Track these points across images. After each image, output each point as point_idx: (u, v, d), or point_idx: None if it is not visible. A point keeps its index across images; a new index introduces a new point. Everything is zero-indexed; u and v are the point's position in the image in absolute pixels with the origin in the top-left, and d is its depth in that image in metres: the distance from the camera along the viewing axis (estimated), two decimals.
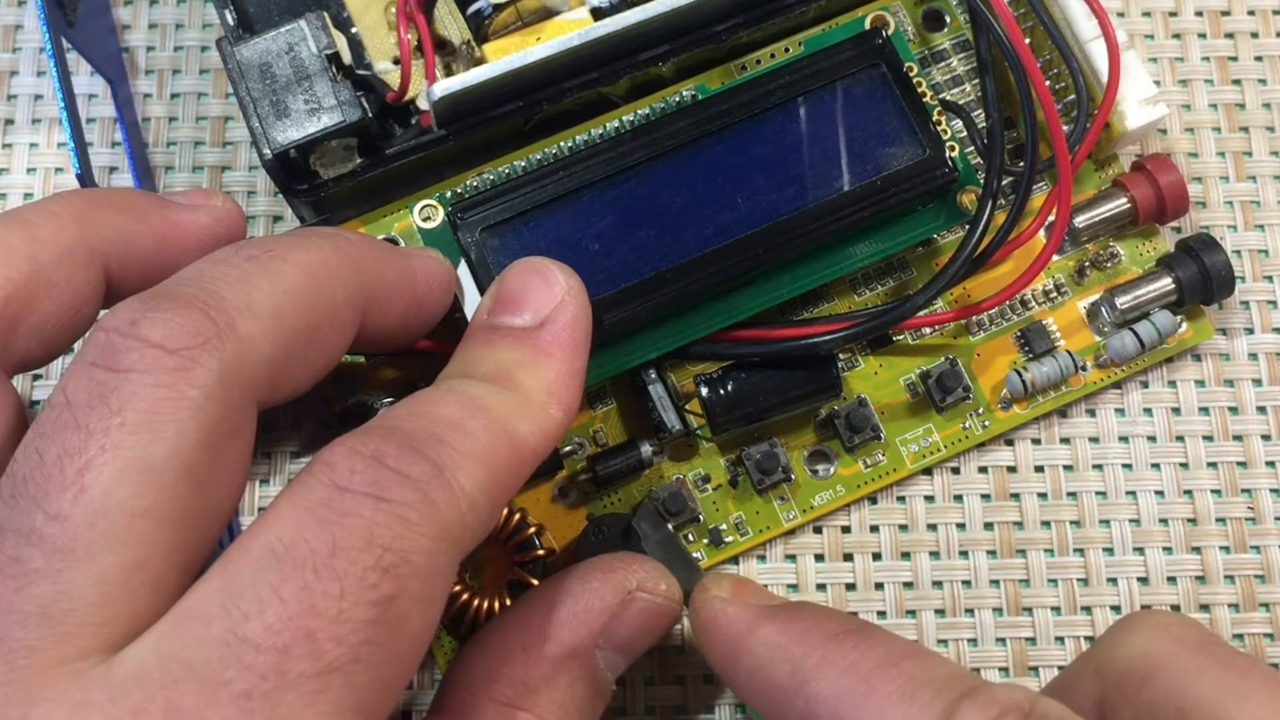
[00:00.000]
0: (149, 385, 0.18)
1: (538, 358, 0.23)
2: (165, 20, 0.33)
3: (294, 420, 0.30)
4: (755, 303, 0.28)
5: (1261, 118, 0.33)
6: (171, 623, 0.18)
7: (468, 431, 0.20)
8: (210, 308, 0.20)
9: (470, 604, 0.27)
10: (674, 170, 0.28)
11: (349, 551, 0.18)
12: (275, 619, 0.17)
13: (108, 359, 0.19)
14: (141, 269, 0.23)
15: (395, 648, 0.18)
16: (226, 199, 0.25)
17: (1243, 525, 0.30)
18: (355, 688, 0.18)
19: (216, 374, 0.19)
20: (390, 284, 0.24)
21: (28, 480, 0.18)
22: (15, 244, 0.22)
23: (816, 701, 0.21)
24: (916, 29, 0.32)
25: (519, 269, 0.24)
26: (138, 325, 0.19)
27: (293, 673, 0.17)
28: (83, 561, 0.18)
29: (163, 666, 0.17)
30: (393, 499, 0.19)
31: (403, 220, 0.29)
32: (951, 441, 0.30)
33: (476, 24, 0.29)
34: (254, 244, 0.22)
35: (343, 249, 0.23)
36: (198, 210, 0.25)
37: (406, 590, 0.18)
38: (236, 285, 0.20)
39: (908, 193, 0.28)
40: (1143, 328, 0.30)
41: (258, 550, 0.18)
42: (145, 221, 0.24)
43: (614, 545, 0.27)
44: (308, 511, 0.18)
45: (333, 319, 0.22)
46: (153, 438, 0.18)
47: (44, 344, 0.22)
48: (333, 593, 0.18)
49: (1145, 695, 0.21)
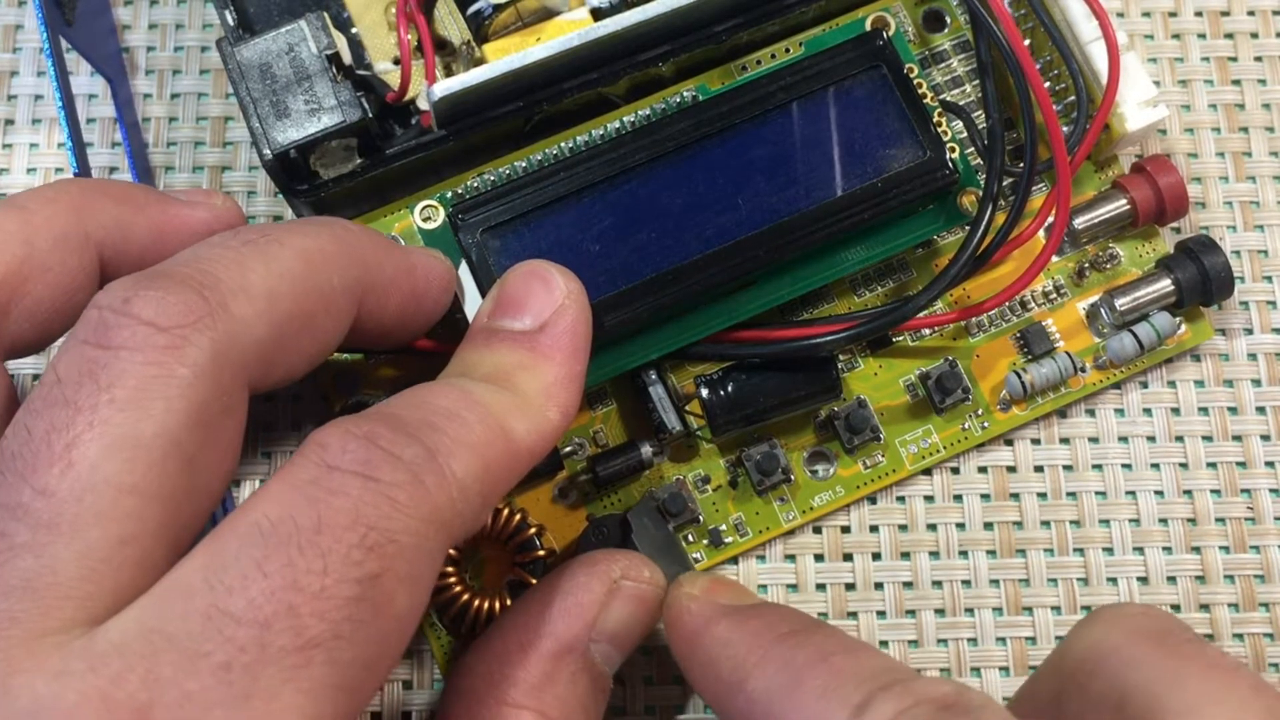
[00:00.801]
0: (139, 363, 0.19)
1: (537, 360, 0.23)
2: (165, 20, 0.33)
3: (294, 420, 0.30)
4: (755, 304, 0.28)
5: (1261, 118, 0.33)
6: (156, 596, 0.18)
7: (464, 422, 0.21)
8: (204, 287, 0.20)
9: (470, 604, 0.27)
10: (674, 171, 0.28)
11: (334, 529, 0.18)
12: (258, 593, 0.17)
13: (99, 336, 0.19)
14: (136, 258, 0.23)
15: (379, 626, 0.18)
16: (226, 198, 0.25)
17: (1242, 525, 0.30)
18: (337, 664, 0.18)
19: (208, 353, 0.19)
20: (388, 276, 0.24)
21: (15, 456, 0.18)
22: (10, 229, 0.22)
23: (752, 699, 0.21)
24: (917, 30, 0.32)
25: (520, 272, 0.24)
26: (130, 303, 0.19)
27: (273, 646, 0.17)
28: (68, 536, 0.18)
29: (144, 638, 0.17)
30: (382, 479, 0.19)
31: (403, 220, 0.29)
32: (951, 442, 0.30)
33: (476, 24, 0.29)
34: (252, 229, 0.22)
35: (341, 237, 0.23)
36: (196, 206, 0.25)
37: (391, 569, 0.18)
38: (232, 266, 0.20)
39: (908, 194, 0.28)
40: (1142, 329, 0.30)
41: (245, 526, 0.18)
42: (142, 212, 0.24)
43: (613, 542, 0.27)
44: (296, 489, 0.18)
45: (328, 305, 0.22)
46: (141, 415, 0.18)
47: (37, 328, 0.22)
48: (316, 569, 0.18)
49: (1093, 687, 0.21)
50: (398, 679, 0.28)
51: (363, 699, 0.19)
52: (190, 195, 0.25)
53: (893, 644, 0.29)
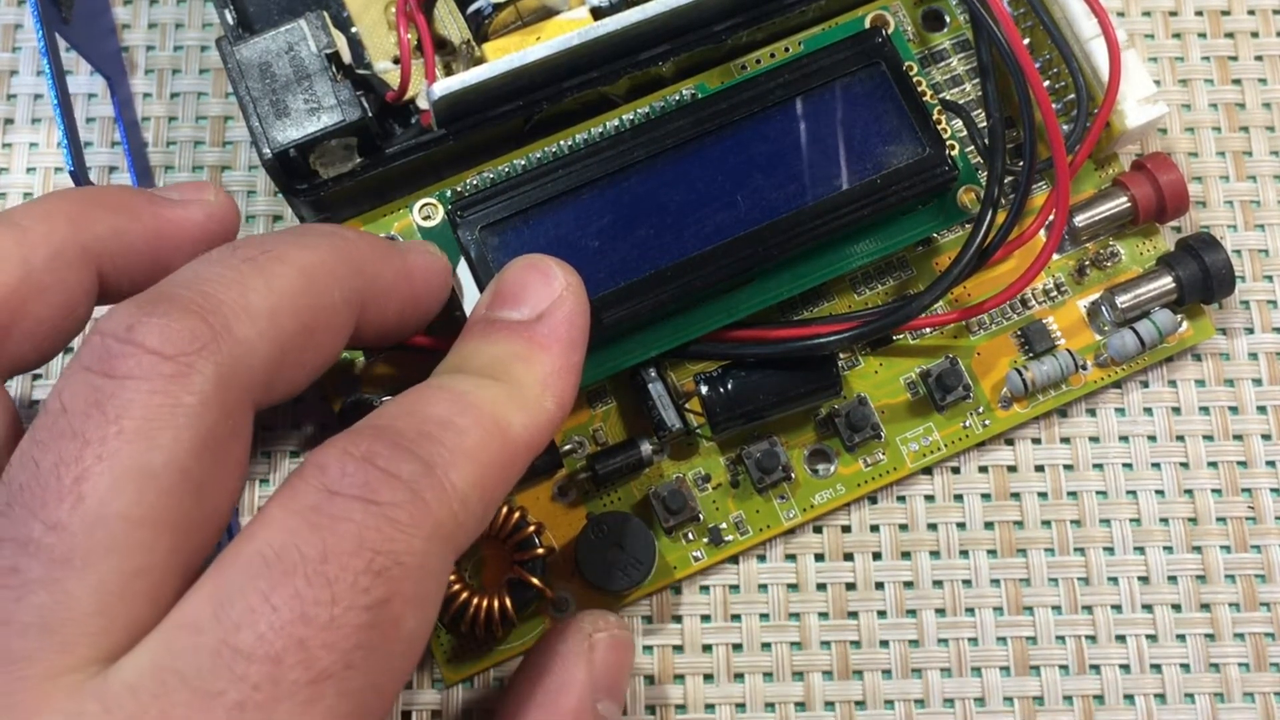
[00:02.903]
0: (145, 392, 0.18)
1: (533, 351, 0.23)
2: (165, 20, 0.33)
3: (294, 420, 0.30)
4: (755, 301, 0.28)
5: (1261, 117, 0.33)
6: (166, 632, 0.18)
7: (459, 429, 0.20)
8: (206, 311, 0.19)
9: (470, 602, 0.27)
10: (674, 168, 0.28)
11: (340, 557, 0.18)
12: (267, 628, 0.17)
13: (104, 365, 0.19)
14: (135, 267, 0.23)
15: (389, 650, 0.18)
16: (219, 191, 0.25)
17: (1243, 525, 0.30)
18: (349, 693, 0.18)
19: (213, 380, 0.19)
20: (388, 283, 0.24)
21: (24, 489, 0.18)
22: (6, 247, 0.22)
23: None
24: (916, 29, 0.32)
25: (518, 266, 0.24)
26: (134, 330, 0.19)
27: (286, 681, 0.17)
28: (80, 571, 0.18)
29: (157, 677, 0.17)
30: (382, 500, 0.19)
31: (402, 219, 0.29)
32: (952, 440, 0.30)
33: (476, 23, 0.29)
34: (251, 244, 0.22)
35: (340, 249, 0.23)
36: (190, 206, 0.24)
37: (399, 592, 0.18)
38: (233, 287, 0.20)
39: (907, 191, 0.28)
40: (1143, 327, 0.30)
41: (249, 556, 0.18)
42: (138, 219, 0.23)
43: (608, 542, 0.28)
44: (298, 516, 0.18)
45: (329, 320, 0.22)
46: (150, 445, 0.18)
47: (37, 348, 0.22)
48: (324, 599, 0.18)
49: None
50: None
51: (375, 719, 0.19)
52: (183, 191, 0.25)
53: (893, 644, 0.29)
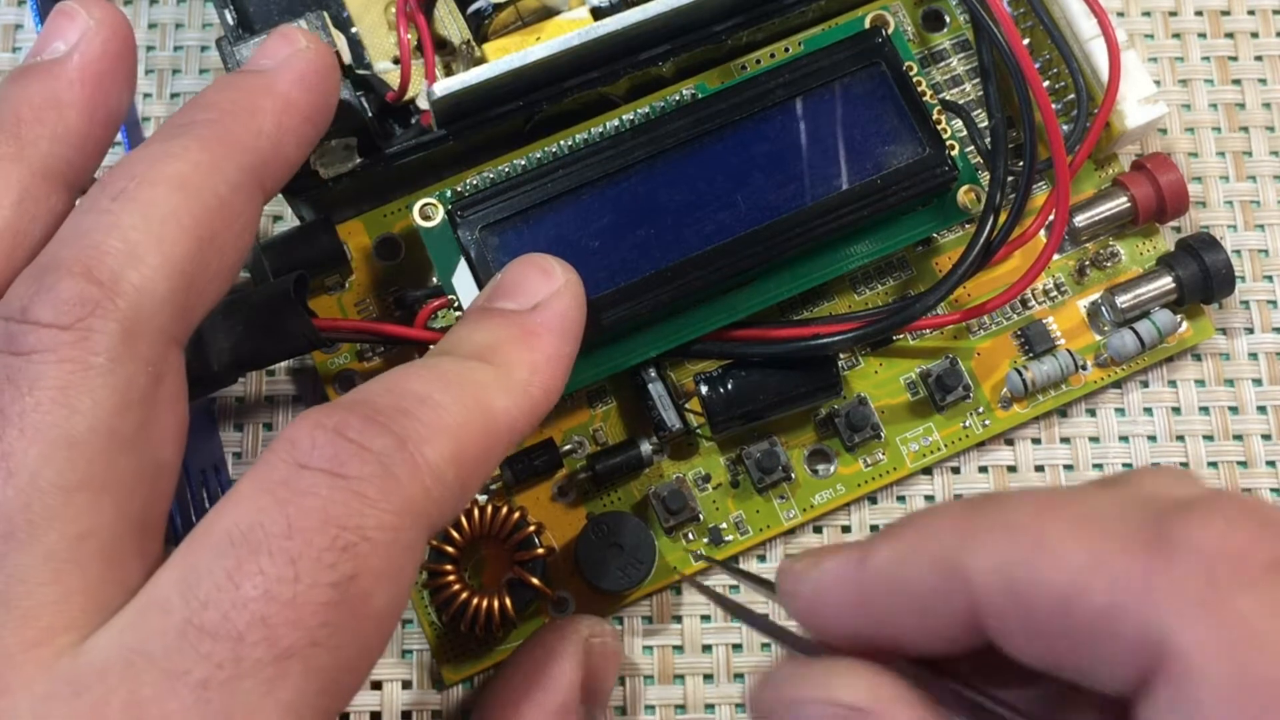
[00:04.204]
0: (54, 363, 0.18)
1: (525, 337, 0.22)
2: (165, 20, 0.33)
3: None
4: (755, 301, 0.28)
5: (1261, 118, 0.33)
6: (135, 612, 0.18)
7: (437, 405, 0.20)
8: (93, 268, 0.19)
9: (470, 602, 0.27)
10: (674, 169, 0.28)
11: (304, 532, 0.18)
12: (231, 606, 0.17)
13: (9, 346, 0.19)
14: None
15: (357, 628, 0.18)
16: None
17: None
18: (315, 671, 0.17)
19: (117, 335, 0.19)
20: (273, 133, 0.22)
21: None
22: None
23: (978, 581, 0.18)
24: (916, 29, 0.32)
25: (519, 263, 0.24)
26: (29, 310, 0.19)
27: (249, 659, 0.17)
28: (26, 544, 0.18)
29: (124, 658, 0.17)
30: (350, 474, 0.18)
31: (403, 219, 0.29)
32: (952, 440, 0.30)
33: (476, 24, 0.29)
34: (118, 175, 0.20)
35: (207, 139, 0.21)
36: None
37: (366, 568, 0.18)
38: (112, 232, 0.20)
39: (907, 191, 0.28)
40: (1143, 326, 0.30)
41: (217, 535, 0.18)
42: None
43: (608, 542, 0.28)
44: (266, 492, 0.18)
45: (225, 216, 0.21)
46: (70, 412, 0.18)
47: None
48: (287, 576, 0.17)
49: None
50: (397, 679, 0.28)
51: (345, 698, 0.18)
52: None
53: None
